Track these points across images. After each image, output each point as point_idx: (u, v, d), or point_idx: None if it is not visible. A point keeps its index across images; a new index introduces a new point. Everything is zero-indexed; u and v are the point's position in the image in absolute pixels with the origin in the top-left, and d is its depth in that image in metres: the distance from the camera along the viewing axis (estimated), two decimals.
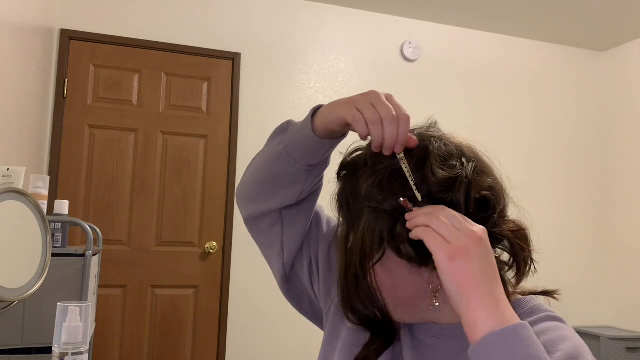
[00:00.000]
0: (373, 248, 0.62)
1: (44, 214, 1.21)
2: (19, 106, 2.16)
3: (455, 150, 0.65)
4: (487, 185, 0.63)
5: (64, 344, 0.71)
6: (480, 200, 0.62)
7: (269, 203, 0.76)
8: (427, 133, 0.68)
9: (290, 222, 0.79)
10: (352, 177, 0.67)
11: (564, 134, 3.82)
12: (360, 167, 0.66)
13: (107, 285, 2.74)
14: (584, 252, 3.76)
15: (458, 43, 3.64)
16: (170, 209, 2.96)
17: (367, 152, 0.67)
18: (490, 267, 0.56)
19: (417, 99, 3.47)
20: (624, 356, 3.27)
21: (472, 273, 0.54)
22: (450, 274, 0.55)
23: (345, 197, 0.68)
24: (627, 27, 3.58)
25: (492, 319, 0.53)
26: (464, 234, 0.56)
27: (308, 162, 0.71)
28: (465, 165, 0.63)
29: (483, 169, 0.66)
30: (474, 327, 0.54)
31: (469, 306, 0.54)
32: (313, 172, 0.73)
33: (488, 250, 0.57)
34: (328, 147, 0.71)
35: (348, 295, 0.64)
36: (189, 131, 3.03)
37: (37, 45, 2.44)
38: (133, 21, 2.99)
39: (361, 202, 0.64)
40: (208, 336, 2.96)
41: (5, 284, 1.05)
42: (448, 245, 0.55)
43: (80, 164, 2.84)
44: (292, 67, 3.27)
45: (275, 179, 0.74)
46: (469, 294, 0.54)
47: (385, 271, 0.63)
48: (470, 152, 0.66)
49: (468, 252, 0.55)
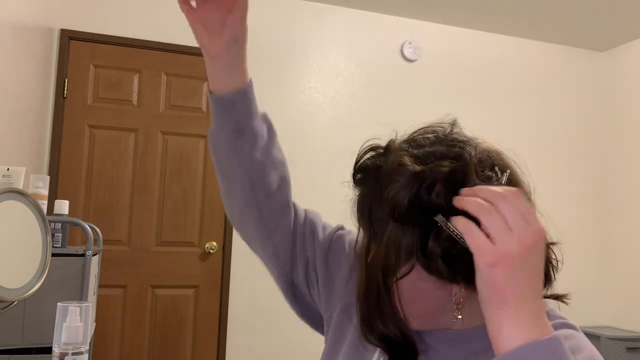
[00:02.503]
0: (398, 263, 0.57)
1: (44, 214, 1.21)
2: (19, 106, 2.16)
3: (487, 157, 0.60)
4: None
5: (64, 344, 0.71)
6: None
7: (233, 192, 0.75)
8: (453, 137, 0.63)
9: (267, 213, 0.76)
10: (373, 183, 0.61)
11: (564, 134, 3.82)
12: (384, 173, 0.60)
13: (107, 285, 2.74)
14: (584, 252, 3.76)
15: (458, 43, 3.64)
16: (170, 209, 2.95)
17: (393, 157, 0.60)
18: (537, 279, 0.50)
19: (417, 99, 3.47)
20: (624, 356, 3.27)
21: (514, 285, 0.48)
22: (487, 281, 0.49)
23: (365, 205, 0.62)
24: (627, 27, 3.57)
25: (529, 329, 0.48)
26: (516, 237, 0.49)
27: (229, 127, 0.70)
28: (499, 176, 0.59)
29: (514, 178, 0.62)
30: (506, 336, 0.48)
31: (502, 315, 0.49)
32: (241, 135, 0.72)
33: (539, 259, 0.50)
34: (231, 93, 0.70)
35: (368, 314, 0.60)
36: (189, 131, 3.03)
37: (37, 45, 2.44)
38: (133, 21, 2.99)
39: (385, 212, 0.58)
40: (208, 336, 2.96)
41: (5, 284, 1.05)
42: (492, 248, 0.49)
43: (80, 164, 2.84)
44: (292, 67, 3.27)
45: (218, 163, 0.73)
46: (506, 304, 0.49)
47: (408, 285, 0.59)
48: (500, 160, 0.62)
49: (514, 261, 0.48)
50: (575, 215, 3.77)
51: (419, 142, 0.62)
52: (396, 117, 3.28)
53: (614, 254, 3.73)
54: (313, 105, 3.28)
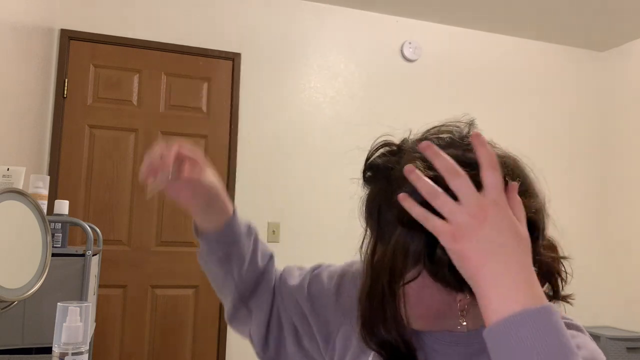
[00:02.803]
0: (405, 268, 0.57)
1: (44, 214, 1.21)
2: (19, 106, 2.16)
3: (501, 164, 0.58)
4: (534, 207, 0.58)
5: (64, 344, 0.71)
6: (527, 222, 0.56)
7: (224, 298, 0.80)
8: (469, 141, 0.60)
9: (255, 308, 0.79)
10: (383, 182, 0.60)
11: (564, 134, 3.82)
12: (395, 175, 0.59)
13: (107, 285, 2.73)
14: (584, 252, 3.76)
15: (458, 43, 3.64)
16: (170, 209, 2.95)
17: (406, 159, 0.59)
18: (508, 245, 0.49)
19: (417, 99, 3.47)
20: (624, 356, 3.27)
21: (483, 253, 0.49)
22: (458, 259, 0.50)
23: (374, 206, 0.61)
24: (627, 27, 3.57)
25: (514, 298, 0.47)
26: (466, 209, 0.50)
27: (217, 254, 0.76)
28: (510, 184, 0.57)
29: (529, 186, 0.61)
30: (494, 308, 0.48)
31: (486, 286, 0.48)
32: (229, 261, 0.77)
33: (501, 225, 0.50)
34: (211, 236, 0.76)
35: (370, 317, 0.59)
36: (189, 131, 3.03)
37: (37, 45, 2.44)
38: (133, 21, 2.99)
39: (394, 215, 0.57)
40: (208, 336, 2.96)
41: (5, 284, 1.05)
42: (448, 227, 0.50)
43: (80, 164, 2.84)
44: (292, 67, 3.27)
45: (209, 277, 0.81)
46: (484, 274, 0.48)
47: (413, 289, 0.58)
48: (516, 167, 0.61)
49: (472, 232, 0.49)
50: (575, 215, 3.77)
51: (433, 143, 0.61)
52: (396, 117, 3.28)
53: (614, 253, 3.73)
54: (313, 105, 3.28)
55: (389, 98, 3.42)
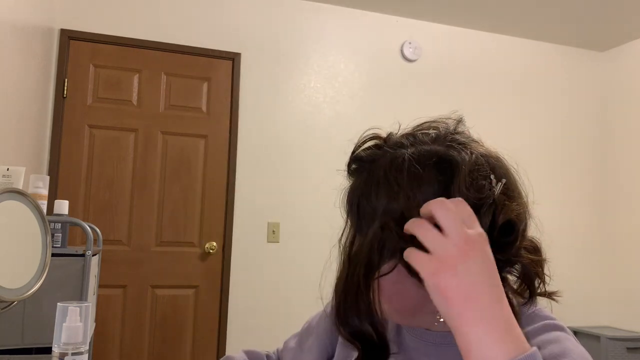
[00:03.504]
0: (381, 261, 0.57)
1: (44, 214, 1.21)
2: (19, 106, 2.16)
3: (485, 163, 0.59)
4: (515, 209, 0.58)
5: (64, 344, 0.71)
6: (505, 224, 0.56)
7: None
8: (454, 137, 0.61)
9: None
10: (365, 175, 0.61)
11: (564, 134, 3.82)
12: (378, 167, 0.60)
13: (107, 285, 2.74)
14: (584, 252, 3.76)
15: (458, 43, 3.64)
16: (170, 209, 2.96)
17: (389, 153, 0.60)
18: (487, 281, 0.48)
19: (417, 99, 3.47)
20: (624, 356, 3.27)
21: (462, 287, 0.47)
22: (435, 292, 0.48)
23: (355, 198, 0.61)
24: (627, 27, 3.57)
25: (498, 342, 0.45)
26: (451, 241, 0.48)
27: None
28: (494, 186, 0.57)
29: (511, 187, 0.60)
30: (475, 355, 0.46)
31: (464, 326, 0.47)
32: None
33: (482, 260, 0.48)
34: None
35: (344, 307, 0.58)
36: (189, 131, 3.03)
37: (37, 45, 2.44)
38: (133, 21, 2.99)
39: (374, 208, 0.58)
40: (208, 336, 2.96)
41: (5, 284, 1.04)
42: (429, 258, 0.48)
43: (80, 164, 2.84)
44: (292, 67, 3.27)
45: None
46: (462, 311, 0.47)
47: (389, 282, 0.58)
48: (499, 167, 0.61)
49: (453, 265, 0.47)
50: (575, 215, 3.77)
51: (418, 138, 0.62)
52: (396, 117, 3.28)
53: (614, 254, 3.73)
54: (313, 105, 3.28)
55: (389, 98, 3.43)
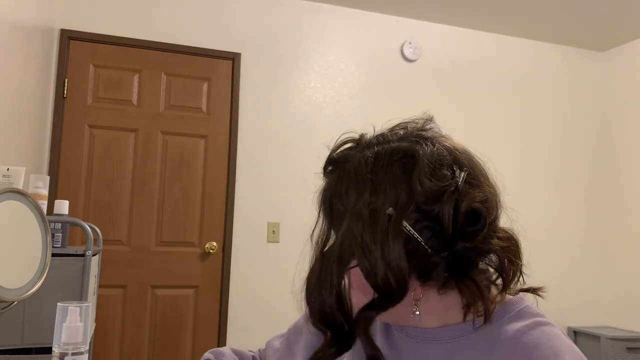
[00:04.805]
0: (352, 256, 0.59)
1: (44, 214, 1.21)
2: (19, 106, 2.16)
3: (448, 155, 0.60)
4: (479, 197, 0.58)
5: (64, 344, 0.71)
6: (471, 212, 0.57)
7: None
8: (420, 133, 0.64)
9: None
10: (336, 175, 0.65)
11: (563, 134, 3.82)
12: (349, 166, 0.63)
13: (107, 285, 2.74)
14: (584, 252, 3.76)
15: (458, 43, 3.64)
16: (170, 209, 2.96)
17: (359, 153, 0.63)
18: None
19: (417, 99, 3.47)
20: (624, 356, 3.27)
21: None
22: None
23: (327, 197, 0.65)
24: (627, 27, 3.58)
25: None
26: None
27: None
28: (457, 175, 0.59)
29: (476, 177, 0.61)
30: None
31: None
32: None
33: None
34: None
35: (316, 298, 0.61)
36: (189, 131, 3.03)
37: (37, 45, 2.44)
38: (133, 21, 2.99)
39: (345, 205, 0.61)
40: (208, 336, 2.96)
41: (5, 284, 1.04)
42: None
43: (80, 164, 2.84)
44: (292, 67, 3.27)
45: None
46: None
47: (359, 275, 0.59)
48: (465, 158, 0.62)
49: None
50: (575, 215, 3.77)
51: (386, 137, 0.64)
52: (396, 117, 3.28)
53: (614, 254, 3.73)
54: (313, 105, 3.28)
55: (389, 98, 3.43)
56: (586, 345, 3.43)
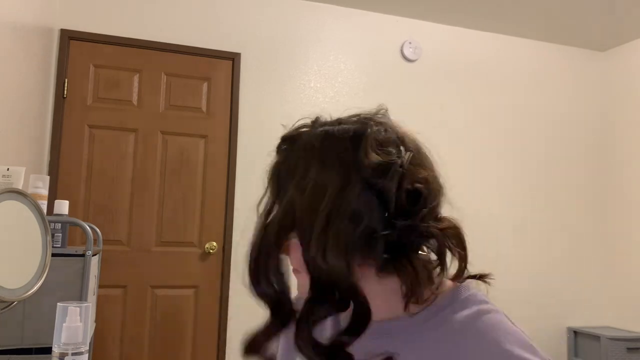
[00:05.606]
0: (293, 225, 0.61)
1: (44, 214, 1.21)
2: (19, 106, 2.15)
3: (396, 137, 0.62)
4: (422, 177, 0.60)
5: (64, 344, 0.71)
6: (413, 192, 0.59)
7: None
8: (371, 117, 0.66)
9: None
10: (287, 150, 0.67)
11: (564, 134, 3.82)
12: (299, 143, 0.65)
13: (107, 285, 2.73)
14: (584, 252, 3.76)
15: (458, 43, 3.64)
16: (170, 209, 2.95)
17: (313, 133, 0.65)
18: None
19: (417, 99, 3.47)
20: (624, 356, 3.27)
21: None
22: None
23: (276, 170, 0.66)
24: (627, 27, 3.57)
25: None
26: None
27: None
28: (403, 154, 0.60)
29: (421, 161, 0.63)
30: None
31: None
32: None
33: None
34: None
35: (257, 268, 0.63)
36: (189, 131, 3.03)
37: (37, 45, 2.44)
38: (133, 21, 2.99)
39: (292, 178, 0.63)
40: (208, 336, 2.96)
41: (5, 284, 1.04)
42: None
43: (80, 164, 2.84)
44: (292, 67, 3.27)
45: None
46: None
47: (297, 244, 0.61)
48: (412, 143, 0.64)
49: None
50: (575, 215, 3.77)
51: (341, 120, 0.66)
52: (396, 117, 3.28)
53: (614, 254, 3.73)
54: (313, 105, 3.28)
55: (389, 98, 3.42)
56: (586, 345, 3.43)
